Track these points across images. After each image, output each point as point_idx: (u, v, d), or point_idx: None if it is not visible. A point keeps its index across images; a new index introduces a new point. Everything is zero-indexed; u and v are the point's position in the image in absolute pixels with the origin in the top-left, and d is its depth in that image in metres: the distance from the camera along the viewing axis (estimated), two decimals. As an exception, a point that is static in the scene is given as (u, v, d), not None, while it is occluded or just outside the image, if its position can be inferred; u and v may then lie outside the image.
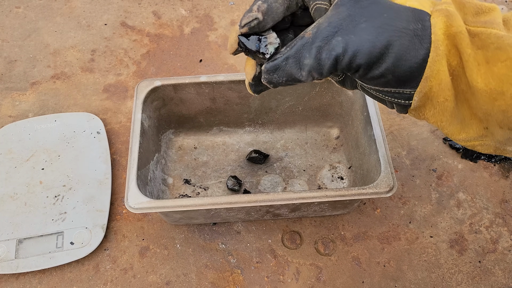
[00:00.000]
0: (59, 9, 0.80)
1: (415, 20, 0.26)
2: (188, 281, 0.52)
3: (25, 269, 0.51)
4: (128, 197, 0.44)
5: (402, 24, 0.26)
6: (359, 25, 0.27)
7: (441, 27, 0.26)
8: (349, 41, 0.27)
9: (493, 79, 0.25)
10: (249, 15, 0.30)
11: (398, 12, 0.27)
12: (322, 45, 0.28)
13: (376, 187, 0.44)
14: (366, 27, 0.27)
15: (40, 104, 0.67)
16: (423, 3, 0.27)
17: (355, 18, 0.27)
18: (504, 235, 0.55)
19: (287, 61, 0.29)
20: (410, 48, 0.26)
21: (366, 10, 0.27)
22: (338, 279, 0.52)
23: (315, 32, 0.28)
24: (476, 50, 0.26)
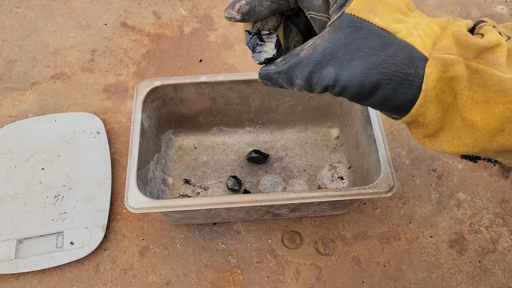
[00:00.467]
0: (59, 9, 0.80)
1: (410, 64, 0.26)
2: (188, 281, 0.52)
3: (25, 269, 0.51)
4: (128, 197, 0.44)
5: (395, 67, 0.26)
6: (353, 61, 0.27)
7: (435, 76, 0.26)
8: (340, 76, 0.27)
9: (493, 119, 0.25)
10: (229, 12, 0.30)
11: (395, 52, 0.26)
12: (314, 70, 0.28)
13: (376, 187, 0.44)
14: (360, 64, 0.26)
15: (40, 104, 0.67)
16: (425, 40, 0.26)
17: (351, 51, 0.27)
18: (504, 235, 0.55)
19: (279, 75, 0.30)
20: (399, 91, 0.27)
21: (364, 42, 0.26)
22: (338, 279, 0.52)
23: (310, 53, 0.28)
24: (476, 87, 0.25)
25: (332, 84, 0.28)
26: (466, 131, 0.27)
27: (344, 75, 0.27)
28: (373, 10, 0.26)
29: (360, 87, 0.27)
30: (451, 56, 0.25)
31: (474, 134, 0.27)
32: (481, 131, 0.26)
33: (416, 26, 0.27)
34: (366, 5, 0.27)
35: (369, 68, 0.26)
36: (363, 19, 0.26)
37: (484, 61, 0.25)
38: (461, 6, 0.80)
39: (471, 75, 0.25)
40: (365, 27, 0.26)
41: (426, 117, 0.28)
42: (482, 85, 0.25)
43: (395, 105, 0.28)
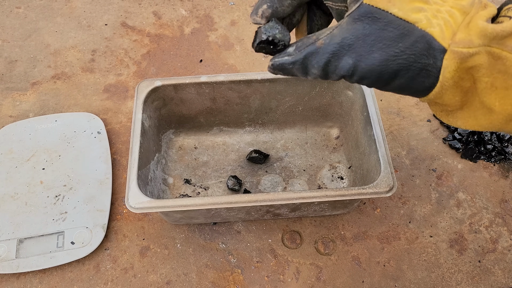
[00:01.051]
0: (60, 9, 0.80)
1: (429, 54, 0.26)
2: (189, 280, 0.52)
3: (26, 268, 0.51)
4: (128, 196, 0.45)
5: (414, 58, 0.26)
6: (372, 53, 0.27)
7: (452, 68, 0.26)
8: (358, 66, 0.27)
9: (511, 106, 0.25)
10: (254, 18, 0.30)
11: (414, 43, 0.26)
12: (331, 59, 0.28)
13: (376, 187, 0.45)
14: (379, 56, 0.26)
15: (40, 104, 0.67)
16: (445, 29, 0.26)
17: (370, 42, 0.27)
18: (504, 235, 0.55)
19: (293, 65, 0.29)
20: (417, 80, 0.27)
21: (383, 33, 0.26)
22: (338, 279, 0.52)
23: (327, 43, 0.28)
24: (497, 73, 0.25)
25: (350, 74, 0.28)
26: (483, 112, 0.27)
27: (363, 66, 0.27)
28: (392, 0, 0.26)
29: (378, 77, 0.27)
30: (470, 50, 0.25)
31: (491, 117, 0.27)
32: (498, 115, 0.26)
33: (436, 14, 0.26)
34: None
35: (387, 59, 0.26)
36: (381, 9, 0.26)
37: (508, 48, 0.24)
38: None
39: (492, 61, 0.25)
40: (383, 18, 0.26)
41: (443, 100, 0.28)
42: (503, 72, 0.25)
43: (413, 91, 0.28)
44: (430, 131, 0.64)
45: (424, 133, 0.64)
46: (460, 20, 0.26)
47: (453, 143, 0.62)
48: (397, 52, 0.26)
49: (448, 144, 0.63)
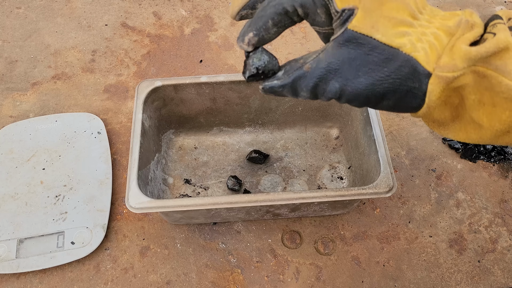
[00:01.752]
0: (60, 9, 0.80)
1: (414, 78, 0.26)
2: (189, 280, 0.52)
3: (26, 268, 0.51)
4: (129, 197, 0.45)
5: (400, 81, 0.26)
6: (358, 77, 0.27)
7: (437, 92, 0.26)
8: (345, 90, 0.28)
9: (499, 123, 0.26)
10: (240, 45, 0.31)
11: (399, 67, 0.26)
12: (318, 83, 0.28)
13: (376, 187, 0.45)
14: (365, 80, 0.27)
15: (40, 105, 0.67)
16: (429, 53, 0.26)
17: (355, 66, 0.27)
18: (503, 235, 0.55)
19: (283, 88, 0.30)
20: (404, 100, 0.27)
21: (368, 58, 0.27)
22: (338, 279, 0.53)
23: (314, 67, 0.28)
24: (483, 90, 0.25)
25: (337, 97, 0.29)
26: (473, 127, 0.28)
27: (350, 90, 0.28)
28: (375, 25, 0.26)
29: (366, 100, 0.28)
30: (455, 73, 0.25)
31: (480, 132, 0.27)
32: (487, 131, 0.27)
33: (421, 37, 0.26)
34: (368, 21, 0.27)
35: (373, 83, 0.27)
36: (365, 35, 0.26)
37: (492, 67, 0.25)
38: (461, 7, 0.81)
39: (478, 79, 0.25)
40: (368, 43, 0.26)
41: (433, 116, 0.28)
42: (490, 89, 0.25)
43: (401, 111, 0.29)
44: (430, 131, 0.65)
45: (423, 133, 0.64)
46: (446, 42, 0.26)
47: (452, 143, 0.62)
48: (382, 76, 0.26)
49: (448, 144, 0.63)
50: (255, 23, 0.30)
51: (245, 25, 0.31)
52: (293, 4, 0.29)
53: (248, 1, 0.32)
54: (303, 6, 0.29)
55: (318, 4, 0.29)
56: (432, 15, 0.28)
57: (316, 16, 0.29)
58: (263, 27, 0.30)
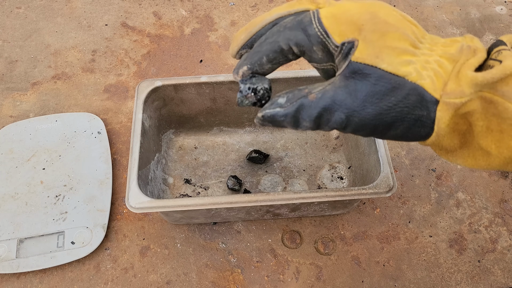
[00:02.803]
0: (60, 9, 0.80)
1: (421, 106, 0.26)
2: (189, 280, 0.52)
3: (26, 268, 0.51)
4: (129, 196, 0.45)
5: (407, 110, 0.26)
6: (365, 108, 0.27)
7: (446, 120, 0.26)
8: (351, 120, 0.27)
9: (507, 150, 0.25)
10: (235, 77, 0.32)
11: (406, 96, 0.26)
12: (323, 113, 0.28)
13: (376, 187, 0.45)
14: (372, 111, 0.27)
15: (41, 104, 0.67)
16: (435, 80, 0.26)
17: (362, 97, 0.27)
18: (503, 235, 0.56)
19: (285, 118, 0.29)
20: (412, 129, 0.27)
21: (374, 88, 0.26)
22: (338, 279, 0.53)
23: (319, 97, 0.28)
24: (490, 117, 0.25)
25: (343, 127, 0.28)
26: (481, 154, 0.27)
27: (356, 121, 0.27)
28: (379, 55, 0.26)
29: (373, 129, 0.27)
30: (462, 99, 0.25)
31: (489, 159, 0.27)
32: (495, 158, 0.26)
33: (426, 65, 0.26)
34: (371, 51, 0.26)
35: (381, 113, 0.26)
36: (371, 65, 0.26)
37: (499, 93, 0.25)
38: (461, 7, 0.81)
39: (485, 105, 0.25)
40: (373, 73, 0.26)
41: (442, 144, 0.28)
42: (497, 115, 0.25)
43: (409, 140, 0.28)
44: (430, 131, 0.64)
45: (423, 133, 0.64)
46: (450, 69, 0.26)
47: (452, 143, 0.62)
48: (390, 105, 0.26)
49: (448, 144, 0.63)
50: (250, 58, 0.31)
51: (242, 58, 0.32)
52: (288, 43, 0.29)
53: (247, 41, 0.32)
54: (298, 44, 0.29)
55: (314, 42, 0.29)
56: (433, 43, 0.28)
57: (312, 53, 0.29)
58: (257, 62, 0.31)
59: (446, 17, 0.79)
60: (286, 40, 0.29)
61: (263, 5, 0.81)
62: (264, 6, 0.81)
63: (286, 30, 0.30)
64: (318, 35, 0.29)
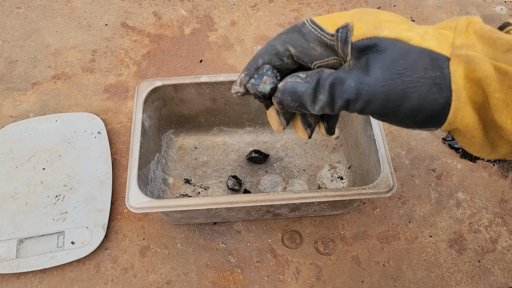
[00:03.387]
0: (60, 9, 0.80)
1: (433, 67, 0.25)
2: (189, 280, 0.52)
3: (26, 268, 0.51)
4: (129, 196, 0.45)
5: (419, 73, 0.25)
6: (374, 73, 0.26)
7: (462, 74, 0.24)
8: (361, 89, 0.26)
9: None
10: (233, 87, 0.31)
11: (415, 59, 0.25)
12: (336, 84, 0.27)
13: (376, 187, 0.45)
14: (382, 76, 0.26)
15: (41, 104, 0.67)
16: (441, 43, 0.25)
17: (371, 65, 0.26)
18: (503, 235, 0.56)
19: (306, 89, 0.28)
20: (428, 98, 0.25)
21: (382, 56, 0.26)
22: (338, 279, 0.53)
23: (334, 72, 0.28)
24: (507, 89, 0.24)
25: (354, 98, 0.27)
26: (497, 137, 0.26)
27: (367, 89, 0.26)
28: (379, 26, 0.26)
29: (385, 100, 0.26)
30: (475, 53, 0.24)
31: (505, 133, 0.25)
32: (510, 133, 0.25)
33: (426, 32, 0.26)
34: (368, 26, 0.27)
35: (391, 78, 0.25)
36: (371, 37, 0.26)
37: None
38: (461, 7, 0.81)
39: (500, 76, 0.24)
40: (378, 43, 0.26)
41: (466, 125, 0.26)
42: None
43: (428, 114, 0.26)
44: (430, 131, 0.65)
45: (423, 133, 0.64)
46: (452, 34, 0.25)
47: (452, 143, 0.62)
48: (399, 69, 0.25)
49: (448, 144, 0.63)
50: (247, 65, 0.31)
51: None
52: (284, 44, 0.30)
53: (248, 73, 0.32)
54: (295, 44, 0.30)
55: (309, 39, 0.29)
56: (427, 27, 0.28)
57: (311, 50, 0.30)
58: (253, 66, 0.31)
59: (446, 17, 0.79)
60: (282, 42, 0.30)
61: (263, 5, 0.81)
62: (264, 6, 0.81)
63: (281, 35, 0.30)
64: (312, 31, 0.29)
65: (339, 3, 0.81)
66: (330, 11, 0.80)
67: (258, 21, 0.79)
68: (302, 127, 0.35)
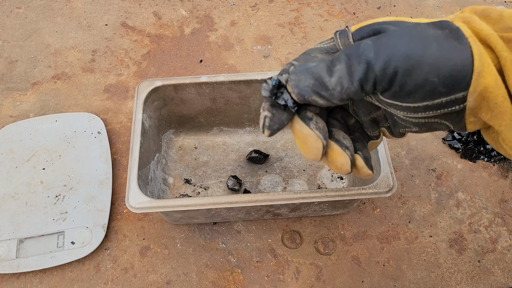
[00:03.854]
0: (60, 9, 0.80)
1: (441, 27, 0.25)
2: (189, 280, 0.52)
3: (26, 268, 0.51)
4: (129, 196, 0.45)
5: (432, 32, 0.24)
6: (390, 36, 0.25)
7: (467, 29, 0.24)
8: (380, 46, 0.24)
9: None
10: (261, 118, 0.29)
11: (424, 26, 0.25)
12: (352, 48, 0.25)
13: (376, 187, 0.45)
14: (398, 35, 0.25)
15: (41, 104, 0.67)
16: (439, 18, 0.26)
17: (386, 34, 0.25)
18: (503, 235, 0.55)
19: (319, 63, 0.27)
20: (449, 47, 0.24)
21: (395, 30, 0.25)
22: (338, 279, 0.53)
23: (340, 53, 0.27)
24: None
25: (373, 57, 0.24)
26: None
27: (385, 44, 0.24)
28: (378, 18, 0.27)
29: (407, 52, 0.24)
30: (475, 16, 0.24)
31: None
32: None
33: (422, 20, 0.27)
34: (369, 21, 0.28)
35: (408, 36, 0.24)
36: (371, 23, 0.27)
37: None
38: (461, 7, 0.81)
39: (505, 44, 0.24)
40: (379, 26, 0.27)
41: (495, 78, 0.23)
42: None
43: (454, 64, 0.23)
44: (430, 131, 0.64)
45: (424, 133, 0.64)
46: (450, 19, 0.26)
47: (452, 143, 0.62)
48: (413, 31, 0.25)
49: (448, 144, 0.63)
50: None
51: None
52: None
53: None
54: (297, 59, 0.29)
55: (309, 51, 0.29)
56: None
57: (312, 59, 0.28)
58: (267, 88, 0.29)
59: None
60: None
61: (263, 5, 0.81)
62: (264, 6, 0.81)
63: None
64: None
65: (339, 3, 0.81)
66: (330, 11, 0.80)
67: (258, 21, 0.79)
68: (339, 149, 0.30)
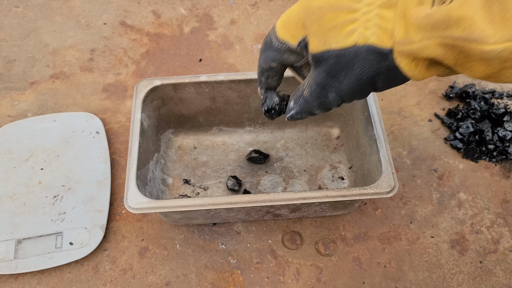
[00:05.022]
0: (58, 8, 0.80)
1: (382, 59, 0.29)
2: (188, 281, 0.52)
3: (24, 269, 0.50)
4: (127, 197, 0.44)
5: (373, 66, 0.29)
6: (343, 82, 0.31)
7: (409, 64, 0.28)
8: (342, 94, 0.33)
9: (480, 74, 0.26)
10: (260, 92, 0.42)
11: (365, 59, 0.29)
12: (322, 101, 0.34)
13: (377, 187, 0.44)
14: (348, 80, 0.31)
15: (39, 104, 0.67)
16: (380, 35, 0.28)
17: (334, 75, 0.32)
18: (505, 236, 0.55)
19: (301, 114, 0.37)
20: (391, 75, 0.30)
21: (338, 65, 0.31)
22: (339, 280, 0.52)
23: (310, 92, 0.34)
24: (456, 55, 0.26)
25: (341, 102, 0.34)
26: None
27: (344, 94, 0.32)
28: (327, 40, 0.30)
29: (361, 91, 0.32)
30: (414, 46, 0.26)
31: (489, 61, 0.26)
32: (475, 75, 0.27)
33: (367, 25, 0.29)
34: (319, 41, 0.31)
35: (357, 79, 0.31)
36: (324, 51, 0.31)
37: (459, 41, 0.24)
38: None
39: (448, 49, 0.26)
40: (330, 56, 0.31)
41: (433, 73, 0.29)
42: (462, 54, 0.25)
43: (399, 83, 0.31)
44: (431, 131, 0.64)
45: (425, 133, 0.64)
46: (392, 16, 0.28)
47: (454, 143, 0.62)
48: (359, 71, 0.30)
49: (450, 144, 0.62)
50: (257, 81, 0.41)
51: None
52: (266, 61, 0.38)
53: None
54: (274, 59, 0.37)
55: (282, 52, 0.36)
56: None
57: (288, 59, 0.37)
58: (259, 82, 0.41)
59: None
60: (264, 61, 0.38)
61: (263, 3, 0.81)
62: (264, 5, 0.80)
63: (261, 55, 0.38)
64: (281, 47, 0.35)
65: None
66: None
67: (258, 20, 0.78)
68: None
